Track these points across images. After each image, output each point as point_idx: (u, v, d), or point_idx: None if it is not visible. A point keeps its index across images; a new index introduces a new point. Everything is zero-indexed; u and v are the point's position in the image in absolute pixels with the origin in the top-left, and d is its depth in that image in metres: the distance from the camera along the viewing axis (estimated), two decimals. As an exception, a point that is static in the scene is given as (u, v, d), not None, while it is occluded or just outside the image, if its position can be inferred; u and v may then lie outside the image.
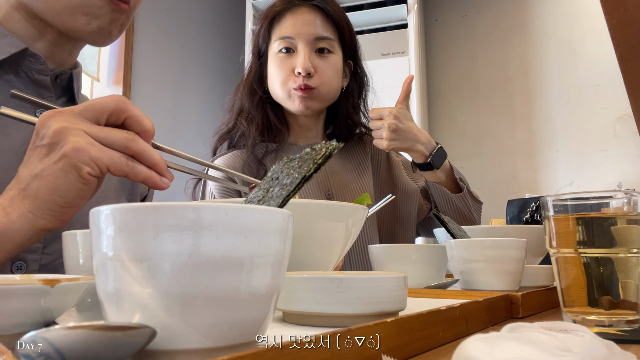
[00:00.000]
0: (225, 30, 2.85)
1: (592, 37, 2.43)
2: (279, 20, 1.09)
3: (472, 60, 2.74)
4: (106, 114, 0.49)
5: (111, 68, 2.18)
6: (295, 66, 1.05)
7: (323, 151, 0.38)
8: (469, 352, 0.25)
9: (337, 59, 1.09)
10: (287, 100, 1.08)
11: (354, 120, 1.18)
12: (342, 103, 1.15)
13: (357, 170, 1.16)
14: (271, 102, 1.13)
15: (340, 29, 1.11)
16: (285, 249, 0.29)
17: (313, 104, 1.07)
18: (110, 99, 0.50)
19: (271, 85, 1.10)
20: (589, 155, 2.42)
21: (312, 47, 1.06)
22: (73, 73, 0.77)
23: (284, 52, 1.07)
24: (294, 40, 1.06)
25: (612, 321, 0.42)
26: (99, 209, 0.27)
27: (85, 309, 0.37)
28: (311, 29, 1.06)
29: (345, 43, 1.12)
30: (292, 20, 1.07)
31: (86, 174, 0.47)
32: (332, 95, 1.10)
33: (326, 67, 1.07)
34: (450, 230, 0.73)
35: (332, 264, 0.58)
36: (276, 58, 1.08)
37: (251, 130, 1.10)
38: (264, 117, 1.11)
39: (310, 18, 1.07)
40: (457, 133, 2.71)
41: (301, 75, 1.04)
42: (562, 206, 0.45)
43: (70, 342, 0.21)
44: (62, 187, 0.47)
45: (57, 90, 0.76)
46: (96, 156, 0.47)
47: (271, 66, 1.09)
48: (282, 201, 0.37)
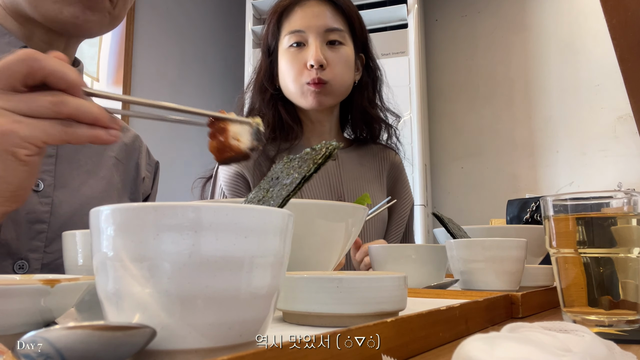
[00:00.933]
0: (225, 30, 2.85)
1: (592, 37, 2.43)
2: (288, 14, 1.08)
3: (472, 60, 2.74)
4: (19, 78, 0.43)
5: (111, 68, 2.18)
6: (307, 60, 1.03)
7: (323, 151, 0.38)
8: (469, 352, 0.25)
9: (348, 50, 1.08)
10: (299, 96, 1.06)
11: (371, 114, 1.14)
12: (355, 97, 1.13)
13: (374, 180, 1.14)
14: (282, 100, 1.10)
15: (351, 21, 1.09)
16: (285, 249, 0.29)
17: (326, 99, 1.05)
18: (17, 58, 0.42)
19: (283, 81, 1.08)
20: (589, 155, 2.42)
21: (323, 39, 1.05)
22: None
23: (294, 47, 1.06)
24: (304, 33, 1.05)
25: (612, 321, 0.42)
26: (99, 209, 0.27)
27: (85, 309, 0.37)
28: (321, 20, 1.05)
29: (356, 35, 1.10)
30: (301, 13, 1.06)
31: (23, 156, 0.43)
32: (345, 89, 1.08)
33: (338, 59, 1.05)
34: (450, 230, 0.73)
35: (332, 264, 0.58)
36: (287, 53, 1.06)
37: None
38: (275, 114, 1.09)
39: (320, 10, 1.06)
40: (457, 133, 2.71)
41: (313, 68, 1.02)
42: (562, 206, 0.45)
43: (70, 342, 0.21)
44: (5, 174, 0.44)
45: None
46: (27, 134, 0.43)
47: (282, 62, 1.08)
48: (282, 201, 0.37)
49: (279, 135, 1.09)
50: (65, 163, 0.73)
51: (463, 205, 2.64)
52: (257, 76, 1.13)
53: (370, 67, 1.15)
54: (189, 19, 2.62)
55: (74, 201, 0.72)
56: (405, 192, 1.19)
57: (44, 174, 0.69)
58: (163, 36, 2.44)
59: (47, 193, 0.69)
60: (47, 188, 0.69)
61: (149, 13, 2.34)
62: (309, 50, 1.04)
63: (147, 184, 0.90)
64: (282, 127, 1.09)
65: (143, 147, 0.90)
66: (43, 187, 0.68)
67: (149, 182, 0.91)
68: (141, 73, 2.26)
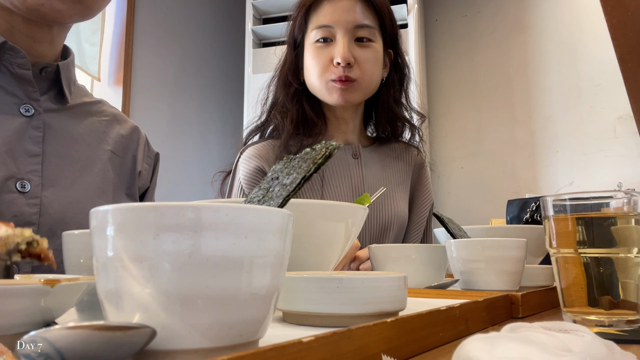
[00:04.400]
0: (225, 30, 2.85)
1: (592, 37, 2.43)
2: (316, 8, 1.04)
3: (472, 60, 2.74)
4: None
5: (111, 68, 2.18)
6: (333, 56, 1.00)
7: (323, 151, 0.38)
8: (469, 352, 0.25)
9: (378, 47, 1.04)
10: (324, 93, 1.03)
11: (396, 113, 1.11)
12: (382, 95, 1.09)
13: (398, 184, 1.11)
14: (307, 94, 1.07)
15: (382, 16, 1.05)
16: (285, 249, 0.29)
17: (353, 96, 1.02)
18: None
19: (308, 76, 1.05)
20: (589, 155, 2.42)
21: (352, 35, 1.02)
22: (60, 65, 0.74)
23: (321, 42, 1.02)
24: (332, 28, 1.01)
25: (612, 321, 0.42)
26: (99, 209, 0.27)
27: (85, 309, 0.37)
28: (350, 16, 1.01)
29: (386, 31, 1.07)
30: (331, 7, 1.02)
31: None
32: (373, 87, 1.05)
33: (366, 57, 1.02)
34: (450, 230, 0.73)
35: (332, 264, 0.57)
36: (313, 48, 1.03)
37: (285, 123, 1.04)
38: (299, 109, 1.06)
39: (350, 5, 1.02)
40: (457, 133, 2.71)
41: (340, 65, 0.99)
42: (562, 206, 0.45)
43: (70, 342, 0.21)
44: None
45: (43, 84, 0.74)
46: None
47: (308, 57, 1.05)
48: (282, 201, 0.37)
49: (302, 131, 1.05)
50: (54, 160, 0.71)
51: (463, 205, 2.63)
52: (282, 69, 1.10)
53: (399, 63, 1.12)
54: (189, 19, 2.62)
55: (65, 199, 0.70)
56: (426, 192, 1.16)
57: (31, 174, 0.67)
58: (163, 36, 2.44)
59: (34, 194, 0.67)
60: (35, 188, 0.67)
61: (149, 13, 2.34)
62: (336, 46, 1.01)
63: (145, 177, 0.88)
64: (305, 122, 1.06)
65: (142, 138, 0.88)
66: (30, 188, 0.67)
67: (147, 175, 0.89)
68: (141, 73, 2.26)
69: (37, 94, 0.72)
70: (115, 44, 2.20)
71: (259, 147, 1.06)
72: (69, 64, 0.77)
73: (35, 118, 0.71)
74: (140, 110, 2.23)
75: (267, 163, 1.03)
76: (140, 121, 2.24)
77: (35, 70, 0.72)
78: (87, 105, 0.82)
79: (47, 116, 0.73)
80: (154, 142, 0.92)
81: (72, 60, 0.80)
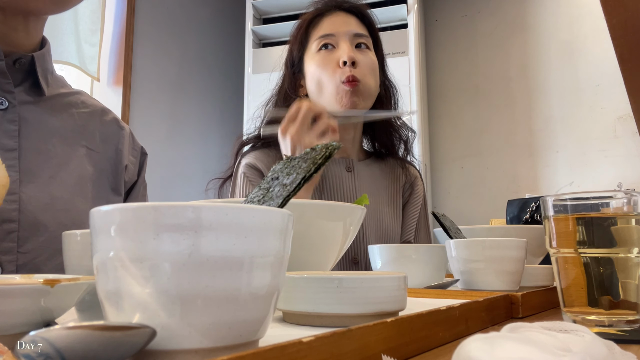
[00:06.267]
0: (225, 30, 2.85)
1: (592, 37, 2.43)
2: (316, 24, 1.11)
3: (472, 60, 2.74)
4: None
5: (111, 68, 2.18)
6: (339, 58, 1.05)
7: (323, 151, 0.38)
8: (469, 352, 0.25)
9: (374, 57, 1.11)
10: (333, 99, 1.05)
11: (394, 127, 1.18)
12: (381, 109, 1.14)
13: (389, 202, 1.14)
14: None
15: (374, 35, 1.14)
16: (285, 249, 0.29)
17: (358, 100, 1.05)
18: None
19: (313, 86, 1.08)
20: (589, 155, 2.42)
21: (352, 42, 1.08)
22: (34, 56, 0.72)
23: (324, 49, 1.08)
24: (334, 36, 1.08)
25: (612, 321, 0.42)
26: (99, 209, 0.27)
27: (85, 309, 0.37)
28: (350, 27, 1.09)
29: (377, 47, 1.15)
30: (330, 21, 1.10)
31: None
32: (373, 92, 1.09)
33: (367, 61, 1.07)
34: (448, 232, 0.73)
35: (331, 264, 0.58)
36: (317, 56, 1.08)
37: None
38: None
39: (348, 18, 1.11)
40: (457, 133, 2.71)
41: (346, 65, 1.03)
42: (562, 206, 0.45)
43: (70, 342, 0.21)
44: None
45: (17, 75, 0.71)
46: None
47: (312, 67, 1.08)
48: (282, 201, 0.37)
49: None
50: (31, 155, 0.69)
51: (463, 205, 2.63)
52: (280, 88, 1.15)
53: (385, 84, 1.18)
54: (189, 18, 2.62)
55: (44, 196, 0.68)
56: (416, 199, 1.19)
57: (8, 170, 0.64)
58: (163, 36, 2.44)
59: (12, 190, 0.65)
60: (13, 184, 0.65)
61: (149, 13, 2.34)
62: (339, 50, 1.06)
63: (132, 170, 0.85)
64: None
65: (125, 131, 0.85)
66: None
67: (134, 169, 0.86)
68: (141, 73, 2.26)
69: (10, 86, 0.69)
70: (115, 44, 2.19)
71: (256, 153, 1.09)
72: (44, 54, 0.75)
73: (9, 111, 0.68)
74: (140, 110, 2.23)
75: (267, 167, 1.05)
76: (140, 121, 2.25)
77: (8, 61, 0.70)
78: (66, 96, 0.79)
79: (23, 109, 0.71)
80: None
81: (48, 50, 0.77)
